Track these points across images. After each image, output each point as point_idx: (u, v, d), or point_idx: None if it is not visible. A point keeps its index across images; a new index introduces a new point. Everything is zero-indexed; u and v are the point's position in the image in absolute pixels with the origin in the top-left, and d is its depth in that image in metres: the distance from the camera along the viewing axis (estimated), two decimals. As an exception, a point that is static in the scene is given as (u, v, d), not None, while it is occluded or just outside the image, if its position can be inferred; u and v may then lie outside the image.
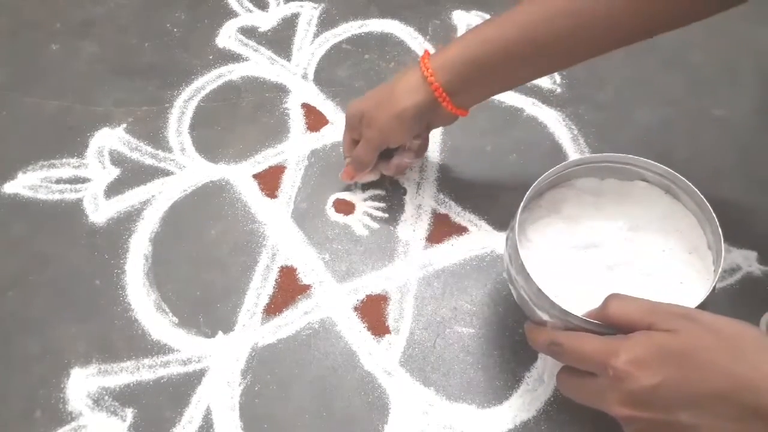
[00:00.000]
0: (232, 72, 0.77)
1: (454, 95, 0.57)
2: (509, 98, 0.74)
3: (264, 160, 0.70)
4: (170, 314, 0.61)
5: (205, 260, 0.64)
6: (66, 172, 0.69)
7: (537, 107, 0.74)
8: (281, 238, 0.65)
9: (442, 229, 0.65)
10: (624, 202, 0.54)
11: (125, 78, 0.77)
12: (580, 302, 0.46)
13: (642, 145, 0.70)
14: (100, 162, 0.70)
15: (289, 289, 0.62)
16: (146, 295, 0.62)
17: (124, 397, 0.57)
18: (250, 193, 0.68)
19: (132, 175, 0.69)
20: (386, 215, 0.66)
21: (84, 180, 0.69)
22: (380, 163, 0.64)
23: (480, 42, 0.55)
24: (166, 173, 0.69)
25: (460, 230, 0.65)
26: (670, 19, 0.53)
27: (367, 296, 0.62)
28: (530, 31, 0.54)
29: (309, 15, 0.82)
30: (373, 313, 0.61)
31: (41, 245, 0.65)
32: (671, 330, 0.40)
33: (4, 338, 0.60)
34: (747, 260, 0.63)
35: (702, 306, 0.46)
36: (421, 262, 0.63)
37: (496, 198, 0.67)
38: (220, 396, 0.57)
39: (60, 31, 0.81)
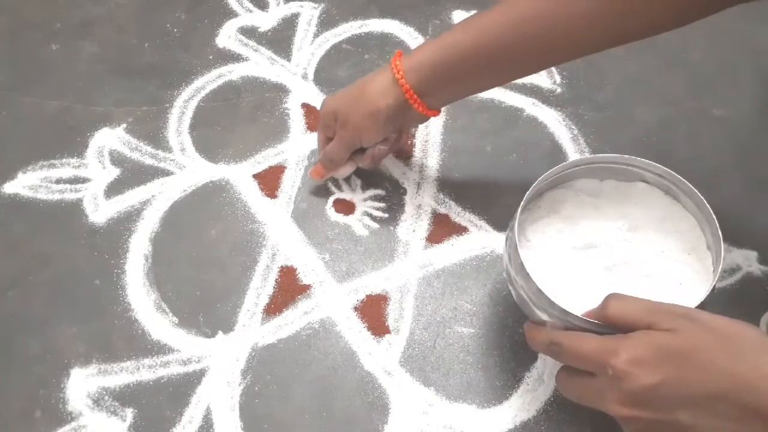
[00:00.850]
0: (232, 72, 0.77)
1: (425, 96, 0.57)
2: (509, 98, 0.74)
3: (264, 160, 0.70)
4: (170, 314, 0.61)
5: (205, 260, 0.64)
6: (66, 172, 0.69)
7: (537, 107, 0.74)
8: (281, 238, 0.65)
9: (442, 229, 0.65)
10: (623, 203, 0.54)
11: (125, 78, 0.77)
12: (580, 302, 0.46)
13: (642, 145, 0.70)
14: (100, 162, 0.70)
15: (289, 289, 0.62)
16: (146, 295, 0.62)
17: (124, 397, 0.57)
18: (250, 193, 0.68)
19: (132, 175, 0.69)
20: (386, 215, 0.66)
21: (84, 180, 0.69)
22: (356, 155, 0.64)
23: (450, 45, 0.55)
24: (166, 173, 0.69)
25: (460, 230, 0.65)
26: (649, 22, 0.53)
27: (367, 296, 0.62)
28: (500, 36, 0.53)
29: (309, 15, 0.82)
30: (373, 313, 0.61)
31: (41, 245, 0.65)
32: (671, 330, 0.40)
33: (4, 338, 0.60)
34: (747, 260, 0.63)
35: (701, 307, 0.46)
36: (421, 262, 0.63)
37: (496, 198, 0.67)
38: (220, 396, 0.57)
39: (60, 31, 0.81)
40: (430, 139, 0.71)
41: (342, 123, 0.61)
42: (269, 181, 0.69)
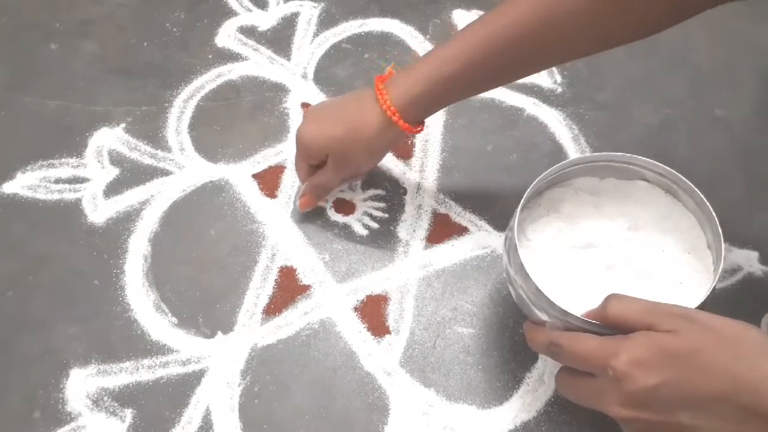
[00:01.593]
0: (232, 71, 0.77)
1: (416, 122, 0.57)
2: (510, 98, 0.74)
3: (264, 159, 0.70)
4: (169, 314, 0.61)
5: (204, 260, 0.64)
6: (65, 171, 0.69)
7: (538, 107, 0.73)
8: (281, 238, 0.65)
9: (442, 229, 0.65)
10: (623, 202, 0.54)
11: (125, 78, 0.77)
12: (579, 302, 0.46)
13: (642, 145, 0.70)
14: (99, 162, 0.70)
15: (288, 289, 0.62)
16: (145, 295, 0.62)
17: (123, 397, 0.57)
18: (249, 193, 0.68)
19: (131, 174, 0.69)
20: (386, 215, 0.66)
21: (83, 180, 0.69)
22: None
23: (440, 74, 0.54)
24: (166, 173, 0.69)
25: (460, 230, 0.65)
26: (644, 23, 0.52)
27: (367, 296, 0.62)
28: (490, 50, 0.52)
29: (309, 14, 0.82)
30: (373, 313, 0.61)
31: (41, 245, 0.65)
32: (671, 330, 0.40)
33: (3, 338, 0.60)
34: (748, 260, 0.62)
35: (702, 307, 0.45)
36: (421, 262, 0.63)
37: (496, 198, 0.67)
38: (219, 396, 0.56)
39: (60, 31, 0.81)
40: (430, 139, 0.71)
41: (339, 161, 0.60)
42: (269, 181, 0.69)
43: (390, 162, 0.69)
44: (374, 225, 0.66)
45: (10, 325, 0.60)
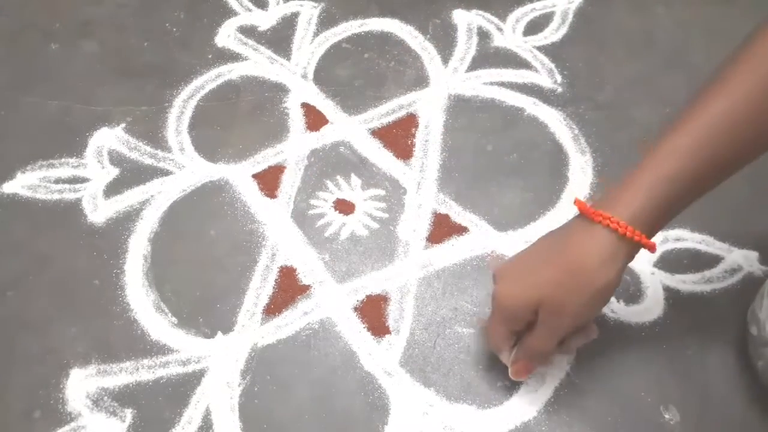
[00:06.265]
0: (232, 71, 0.77)
1: (652, 235, 0.49)
2: (510, 98, 0.74)
3: (263, 159, 0.70)
4: (169, 314, 0.61)
5: (204, 260, 0.64)
6: (65, 171, 0.69)
7: (538, 107, 0.73)
8: (281, 238, 0.65)
9: (442, 229, 0.65)
10: None
11: (124, 78, 0.77)
12: None
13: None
14: (99, 162, 0.70)
15: (288, 289, 0.62)
16: (145, 295, 0.62)
17: (123, 397, 0.57)
18: (249, 193, 0.68)
19: (131, 174, 0.69)
20: (386, 215, 0.66)
21: (83, 180, 0.69)
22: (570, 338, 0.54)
23: (672, 179, 0.46)
24: (166, 173, 0.69)
25: (460, 230, 0.65)
26: None
27: (367, 296, 0.62)
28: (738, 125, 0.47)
29: (309, 14, 0.82)
30: (373, 313, 0.61)
31: (41, 245, 0.65)
32: None
33: (3, 338, 0.60)
34: (748, 260, 0.62)
35: None
36: (421, 262, 0.63)
37: (497, 198, 0.67)
38: (219, 397, 0.56)
39: (60, 31, 0.81)
40: (430, 139, 0.71)
41: (555, 312, 0.49)
42: (269, 180, 0.69)
43: (390, 162, 0.69)
44: (374, 225, 0.66)
45: (10, 325, 0.60)
